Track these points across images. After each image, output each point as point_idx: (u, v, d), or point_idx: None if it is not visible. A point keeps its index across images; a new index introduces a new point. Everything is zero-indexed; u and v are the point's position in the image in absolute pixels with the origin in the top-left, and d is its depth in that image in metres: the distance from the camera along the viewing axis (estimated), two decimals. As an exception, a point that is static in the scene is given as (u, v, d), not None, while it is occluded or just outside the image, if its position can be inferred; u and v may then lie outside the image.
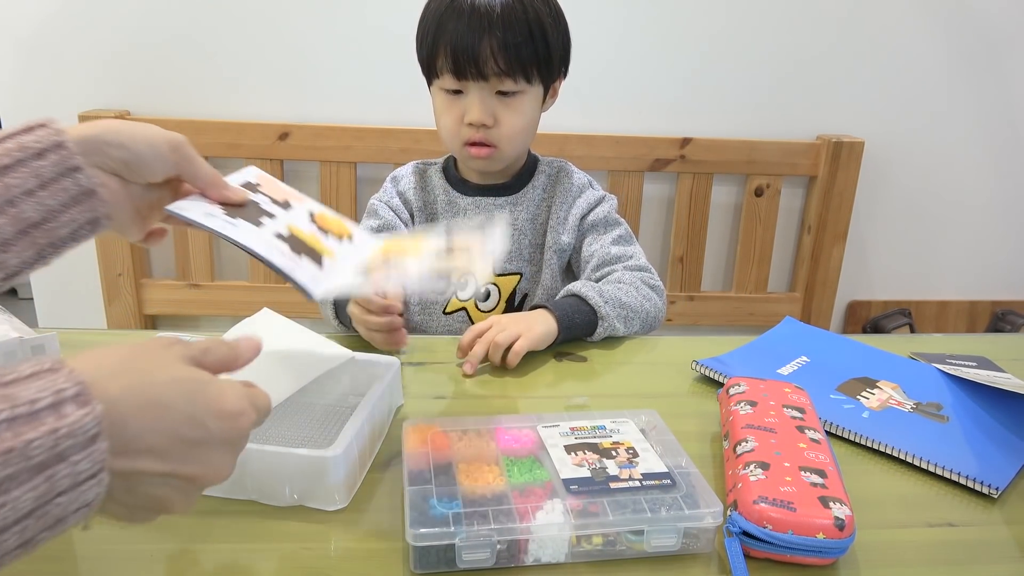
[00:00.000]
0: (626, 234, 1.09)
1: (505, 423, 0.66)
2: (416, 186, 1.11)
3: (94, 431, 0.34)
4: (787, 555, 0.54)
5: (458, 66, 0.95)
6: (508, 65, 0.95)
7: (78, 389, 0.34)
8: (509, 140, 1.01)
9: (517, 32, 0.94)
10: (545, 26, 0.97)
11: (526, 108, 1.00)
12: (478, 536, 0.52)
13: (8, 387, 0.33)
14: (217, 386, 0.41)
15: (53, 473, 0.33)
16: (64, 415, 0.34)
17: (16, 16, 1.58)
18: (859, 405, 0.79)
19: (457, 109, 0.99)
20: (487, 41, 0.93)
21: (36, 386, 0.34)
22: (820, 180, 1.78)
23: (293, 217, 0.66)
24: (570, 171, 1.12)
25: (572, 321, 0.90)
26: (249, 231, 0.60)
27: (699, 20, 1.71)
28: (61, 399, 0.34)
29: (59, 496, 0.34)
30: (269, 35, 1.64)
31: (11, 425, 0.32)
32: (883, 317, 1.94)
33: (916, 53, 1.77)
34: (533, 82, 0.99)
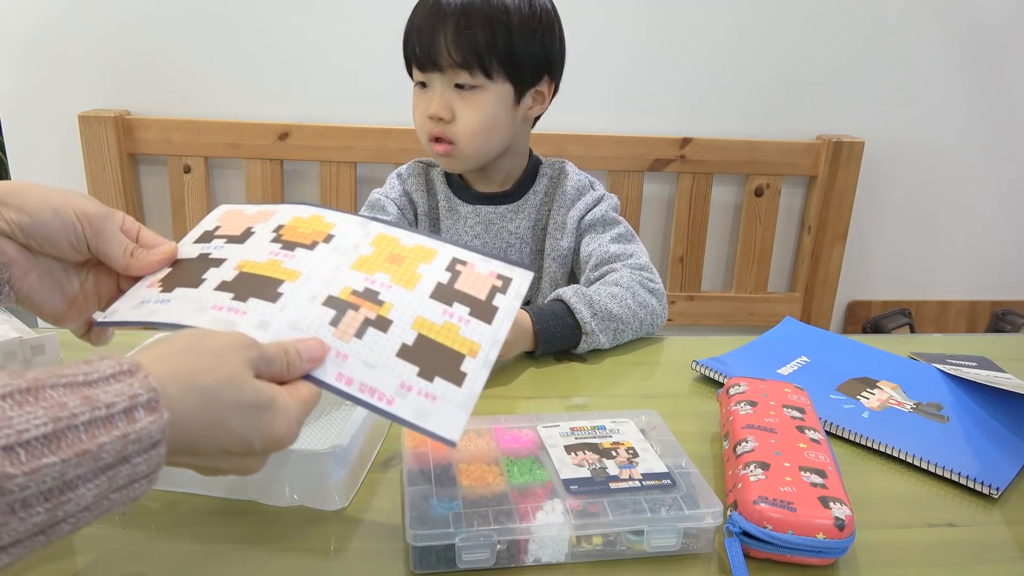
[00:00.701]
0: (626, 232, 1.06)
1: (505, 423, 0.66)
2: (421, 187, 1.09)
3: (158, 437, 0.37)
4: (787, 555, 0.54)
5: (418, 57, 0.96)
6: (461, 56, 0.93)
7: (150, 396, 0.36)
8: (467, 137, 0.97)
9: (473, 23, 0.93)
10: (511, 21, 0.95)
11: (487, 105, 0.97)
12: (478, 536, 0.52)
13: (90, 387, 0.35)
14: (271, 414, 0.43)
15: (116, 473, 0.35)
16: (135, 419, 0.36)
17: (16, 16, 1.58)
18: (859, 405, 0.79)
19: (423, 103, 0.99)
20: (442, 31, 0.93)
21: (114, 389, 0.36)
22: (820, 180, 1.78)
23: (249, 248, 0.56)
24: (569, 172, 1.09)
25: (552, 335, 0.86)
26: (181, 303, 0.51)
27: (699, 20, 1.71)
28: (135, 404, 0.36)
29: (114, 492, 0.36)
30: (269, 35, 1.64)
31: (88, 427, 0.34)
32: (883, 317, 1.94)
33: (916, 53, 1.77)
34: (494, 78, 0.96)
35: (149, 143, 1.65)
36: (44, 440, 0.33)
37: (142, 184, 1.72)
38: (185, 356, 0.41)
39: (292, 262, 0.54)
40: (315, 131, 1.66)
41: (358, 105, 1.69)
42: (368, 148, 1.68)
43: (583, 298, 0.89)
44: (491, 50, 0.94)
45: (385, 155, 1.68)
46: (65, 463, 0.33)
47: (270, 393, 0.43)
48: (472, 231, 1.07)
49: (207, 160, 1.68)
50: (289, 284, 0.52)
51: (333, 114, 1.69)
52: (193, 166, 1.67)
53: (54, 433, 0.33)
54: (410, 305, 0.53)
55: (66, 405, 0.34)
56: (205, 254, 0.56)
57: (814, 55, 1.75)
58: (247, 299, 0.51)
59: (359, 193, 1.72)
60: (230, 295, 0.51)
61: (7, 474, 0.31)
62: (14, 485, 0.31)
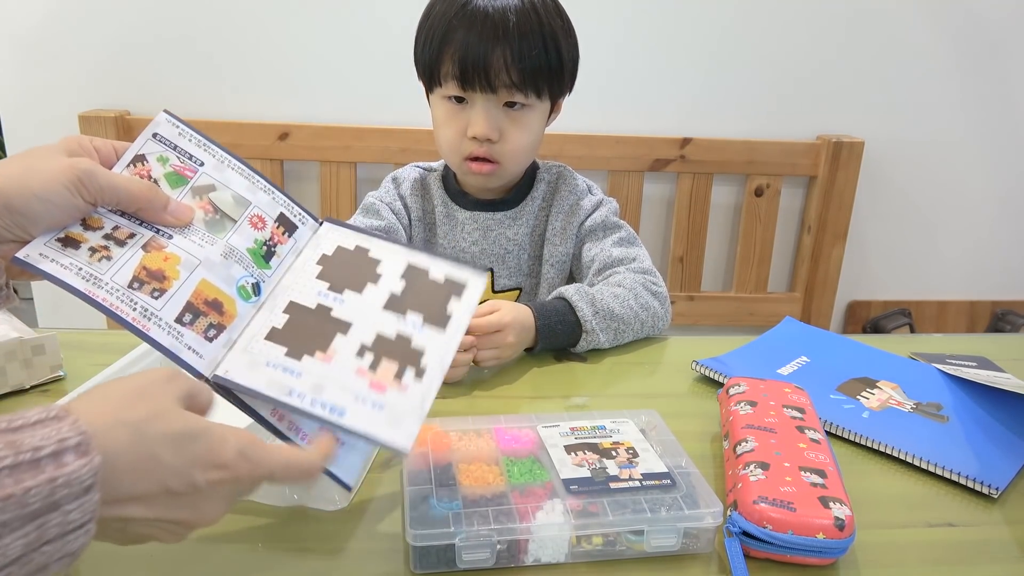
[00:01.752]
0: (628, 236, 1.03)
1: (505, 423, 0.66)
2: (417, 192, 1.07)
3: (89, 482, 0.34)
4: (787, 555, 0.54)
5: (466, 75, 0.90)
6: (520, 78, 0.90)
7: (80, 439, 0.35)
8: (513, 157, 0.96)
9: (532, 43, 0.90)
10: (559, 39, 0.93)
11: (533, 124, 0.96)
12: (478, 536, 0.52)
13: (15, 433, 0.34)
14: (207, 441, 0.40)
15: (45, 521, 0.33)
16: (63, 464, 0.34)
17: (16, 16, 1.58)
18: (859, 405, 0.79)
19: (460, 121, 0.94)
20: (500, 51, 0.89)
21: (41, 433, 0.34)
22: (820, 180, 1.78)
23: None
24: (568, 177, 1.07)
25: (553, 331, 0.86)
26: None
27: (699, 21, 1.71)
28: (63, 448, 0.34)
29: (46, 544, 0.34)
30: (269, 35, 1.64)
31: (13, 472, 0.32)
32: (883, 317, 1.94)
33: (916, 53, 1.77)
34: (543, 97, 0.95)
35: (149, 143, 1.65)
36: None
37: (142, 184, 1.72)
38: (108, 397, 0.39)
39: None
40: (315, 131, 1.66)
41: (358, 105, 1.69)
42: (368, 148, 1.68)
43: (585, 296, 0.88)
44: (546, 71, 0.92)
45: (385, 155, 1.68)
46: None
47: (202, 424, 0.41)
48: (470, 238, 1.04)
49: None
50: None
51: (333, 114, 1.69)
52: (193, 166, 1.67)
53: None
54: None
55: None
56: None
57: (814, 55, 1.75)
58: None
59: (359, 193, 1.72)
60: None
61: None
62: None
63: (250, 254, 0.53)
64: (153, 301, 0.47)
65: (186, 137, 0.53)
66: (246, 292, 0.51)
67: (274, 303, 0.52)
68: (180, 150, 0.53)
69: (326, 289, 0.54)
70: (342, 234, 0.58)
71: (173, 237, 0.50)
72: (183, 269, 0.49)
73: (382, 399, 0.49)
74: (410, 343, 0.53)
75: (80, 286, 0.45)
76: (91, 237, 0.48)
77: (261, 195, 0.55)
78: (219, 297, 0.50)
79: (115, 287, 0.46)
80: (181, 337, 0.47)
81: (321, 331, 0.51)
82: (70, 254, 0.47)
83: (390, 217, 1.03)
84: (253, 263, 0.53)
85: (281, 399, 0.46)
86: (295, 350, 0.49)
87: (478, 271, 0.60)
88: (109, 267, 0.47)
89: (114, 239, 0.48)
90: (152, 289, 0.47)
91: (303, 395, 0.47)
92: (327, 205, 1.72)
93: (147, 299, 0.47)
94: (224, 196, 0.53)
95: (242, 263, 0.52)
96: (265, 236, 0.54)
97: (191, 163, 0.53)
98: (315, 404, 0.47)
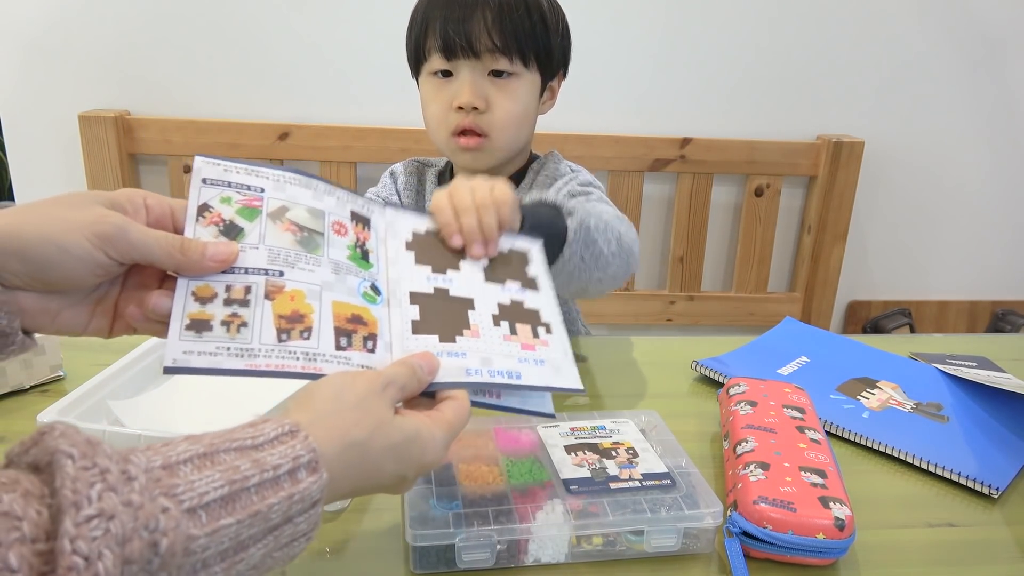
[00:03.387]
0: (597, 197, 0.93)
1: (505, 423, 0.66)
2: (411, 187, 1.06)
3: (317, 497, 0.38)
4: (787, 555, 0.54)
5: (448, 43, 0.88)
6: (503, 40, 0.88)
7: (311, 457, 0.38)
8: (502, 127, 0.92)
9: (512, 7, 0.89)
10: (543, 9, 0.92)
11: (521, 94, 0.92)
12: (478, 536, 0.52)
13: (258, 451, 0.37)
14: (419, 444, 0.44)
15: (280, 532, 0.37)
16: (298, 480, 0.37)
17: (16, 16, 1.58)
18: (859, 405, 0.79)
19: (446, 94, 0.92)
20: (480, 14, 0.88)
21: (279, 451, 0.37)
22: (820, 180, 1.78)
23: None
24: (551, 161, 1.02)
25: (536, 214, 0.71)
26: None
27: (699, 20, 1.71)
28: (297, 465, 0.37)
29: (278, 551, 0.38)
30: (269, 35, 1.64)
31: (259, 489, 0.36)
32: (883, 317, 1.94)
33: (916, 53, 1.77)
34: (530, 66, 0.92)
35: (149, 143, 1.65)
36: (221, 502, 0.34)
37: (142, 184, 1.72)
38: (334, 414, 0.42)
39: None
40: (315, 131, 1.66)
41: (358, 105, 1.69)
42: (368, 148, 1.68)
43: (551, 193, 0.83)
44: (531, 35, 0.90)
45: (385, 155, 1.68)
46: (240, 524, 0.34)
47: (414, 427, 0.44)
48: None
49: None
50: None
51: (333, 114, 1.69)
52: (193, 166, 1.67)
53: (230, 495, 0.35)
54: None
55: (239, 468, 0.36)
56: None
57: (814, 55, 1.75)
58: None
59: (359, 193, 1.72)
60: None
61: (191, 536, 0.32)
62: (197, 546, 0.33)
63: (352, 261, 0.52)
64: (307, 343, 0.46)
65: (232, 171, 0.51)
66: (370, 296, 0.51)
67: (397, 298, 0.53)
68: (235, 185, 0.50)
69: (431, 272, 0.55)
70: (406, 217, 0.59)
71: (284, 274, 0.48)
72: (312, 300, 0.48)
73: (538, 356, 0.52)
74: (523, 306, 0.56)
75: (241, 365, 0.44)
76: (214, 310, 0.45)
77: (328, 199, 0.54)
78: (355, 311, 0.50)
79: (269, 349, 0.45)
80: (350, 361, 0.47)
81: (454, 311, 0.53)
82: (208, 338, 0.44)
83: None
84: (359, 268, 0.52)
85: (463, 380, 0.49)
86: (446, 334, 0.51)
87: (532, 239, 0.62)
88: (251, 332, 0.45)
89: (235, 301, 0.46)
90: (300, 331, 0.46)
91: (479, 371, 0.49)
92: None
93: (302, 344, 0.46)
94: (299, 212, 0.51)
95: (351, 272, 0.51)
96: (353, 240, 0.53)
97: (252, 192, 0.51)
98: (493, 375, 0.49)
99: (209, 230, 0.48)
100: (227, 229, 0.48)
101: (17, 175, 1.69)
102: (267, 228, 0.49)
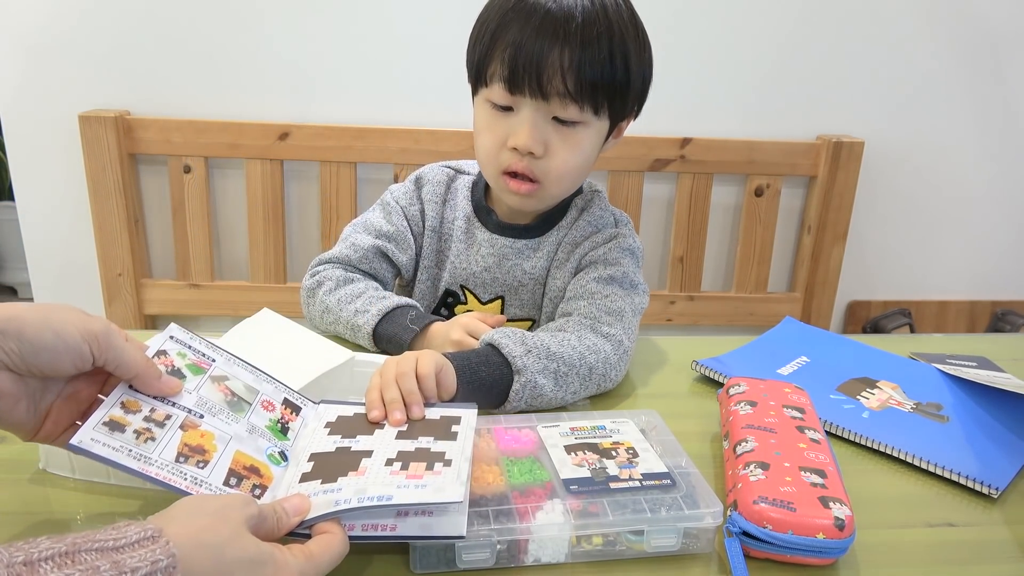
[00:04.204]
0: (620, 275, 0.87)
1: (505, 423, 0.66)
2: (438, 199, 0.96)
3: None
4: (787, 555, 0.54)
5: (515, 76, 0.78)
6: (576, 87, 0.78)
7: (169, 561, 0.40)
8: (557, 178, 0.84)
9: (596, 50, 0.77)
10: (628, 50, 0.80)
11: (585, 144, 0.83)
12: (478, 536, 0.52)
13: (119, 552, 0.39)
14: (273, 567, 0.45)
15: None
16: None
17: (17, 16, 1.58)
18: (859, 405, 0.79)
19: (502, 128, 0.82)
20: (557, 52, 0.76)
21: (139, 555, 0.39)
22: (820, 180, 1.78)
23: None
24: (595, 205, 0.94)
25: (475, 373, 0.70)
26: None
27: (699, 20, 1.71)
28: (155, 569, 0.39)
29: None
30: (269, 35, 1.64)
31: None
32: (883, 317, 1.94)
33: (916, 53, 1.77)
34: (600, 115, 0.82)
35: (149, 143, 1.65)
36: None
37: (142, 184, 1.72)
38: (193, 516, 0.44)
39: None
40: (315, 131, 1.66)
41: (358, 105, 1.69)
42: (368, 148, 1.68)
43: (512, 335, 0.75)
44: (609, 84, 0.79)
45: (385, 155, 1.69)
46: None
47: (269, 550, 0.45)
48: (483, 262, 0.93)
49: (207, 160, 1.68)
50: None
51: (333, 114, 1.69)
52: (193, 166, 1.67)
53: None
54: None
55: (99, 569, 0.37)
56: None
57: (814, 55, 1.75)
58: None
59: (359, 193, 1.72)
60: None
61: None
62: None
63: (269, 430, 0.58)
64: (200, 471, 0.52)
65: (196, 341, 0.61)
66: (276, 459, 0.56)
67: (298, 460, 0.57)
68: (194, 349, 0.60)
69: (340, 438, 0.58)
70: (339, 409, 0.63)
71: (204, 417, 0.55)
72: (219, 443, 0.54)
73: (422, 482, 0.52)
74: (430, 450, 0.57)
75: (134, 466, 0.50)
76: (133, 420, 0.52)
77: (266, 385, 0.62)
78: (255, 463, 0.55)
79: (164, 463, 0.51)
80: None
81: (348, 461, 0.55)
82: (118, 437, 0.51)
83: (400, 223, 0.95)
84: (274, 436, 0.58)
85: (331, 511, 0.50)
86: (329, 477, 0.53)
87: (468, 406, 0.64)
88: (155, 447, 0.51)
89: (153, 421, 0.53)
90: (197, 461, 0.52)
91: (348, 500, 0.50)
92: (327, 205, 1.72)
93: (194, 469, 0.51)
94: (237, 384, 0.60)
95: (265, 437, 0.57)
96: (277, 416, 0.60)
97: (204, 358, 0.60)
98: (362, 500, 0.50)
99: (159, 369, 0.56)
100: (172, 373, 0.57)
101: (17, 175, 1.69)
102: (205, 384, 0.58)
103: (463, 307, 0.98)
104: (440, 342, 0.82)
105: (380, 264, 0.95)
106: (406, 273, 0.98)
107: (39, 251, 1.74)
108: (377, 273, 0.95)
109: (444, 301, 0.99)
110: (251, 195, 1.70)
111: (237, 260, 1.79)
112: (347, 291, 0.89)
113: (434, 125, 1.68)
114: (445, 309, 0.99)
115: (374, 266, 0.94)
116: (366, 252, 0.94)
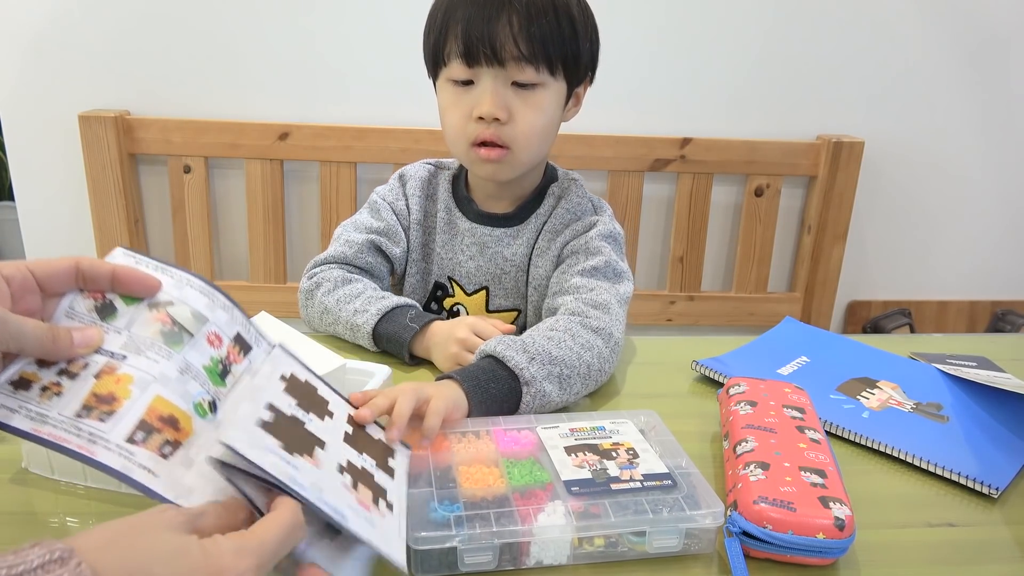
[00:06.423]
0: (603, 265, 0.89)
1: (505, 425, 0.66)
2: (421, 193, 1.00)
3: None
4: (787, 555, 0.54)
5: (470, 49, 0.83)
6: (529, 49, 0.83)
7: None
8: (525, 140, 0.87)
9: (542, 14, 0.82)
10: (573, 13, 0.86)
11: (546, 105, 0.87)
12: (479, 539, 0.52)
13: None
14: (200, 551, 0.40)
15: None
16: None
17: (16, 16, 1.58)
18: (859, 405, 0.79)
19: (465, 103, 0.87)
20: (505, 19, 0.82)
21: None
22: (820, 180, 1.78)
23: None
24: (572, 192, 0.97)
25: (486, 391, 0.70)
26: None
27: (699, 20, 1.71)
28: None
29: None
30: (269, 35, 1.64)
31: None
32: (883, 317, 1.94)
33: (916, 53, 1.77)
34: (556, 75, 0.87)
35: (149, 143, 1.65)
36: None
37: (142, 184, 1.72)
38: (112, 531, 0.40)
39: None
40: (315, 131, 1.66)
41: (358, 105, 1.69)
42: (368, 148, 1.68)
43: (512, 344, 0.75)
44: (560, 42, 0.85)
45: (385, 155, 1.68)
46: None
47: (194, 539, 0.40)
48: (467, 252, 0.98)
49: (207, 160, 1.68)
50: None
51: (333, 114, 1.69)
52: (193, 166, 1.67)
53: None
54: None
55: None
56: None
57: (814, 55, 1.75)
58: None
59: (359, 193, 1.72)
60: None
61: None
62: None
63: (206, 372, 0.51)
64: (100, 424, 0.45)
65: (143, 264, 0.53)
66: (203, 409, 0.50)
67: (236, 407, 0.50)
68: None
69: (295, 405, 0.53)
70: (293, 364, 0.57)
71: (128, 357, 0.49)
72: (136, 388, 0.47)
73: (371, 517, 0.49)
74: (374, 479, 0.53)
75: (27, 428, 0.44)
76: (44, 375, 0.46)
77: (220, 313, 0.54)
78: (175, 413, 0.48)
79: (61, 420, 0.45)
80: (132, 457, 0.45)
81: (303, 438, 0.50)
82: (21, 396, 0.45)
83: (390, 218, 0.98)
84: (209, 381, 0.51)
85: (288, 484, 0.45)
86: (288, 446, 0.48)
87: (402, 446, 0.60)
88: (58, 402, 0.45)
89: (67, 373, 0.47)
90: (100, 413, 0.46)
91: (305, 488, 0.45)
92: (327, 205, 1.72)
93: (94, 423, 0.45)
94: (182, 311, 0.52)
95: (198, 379, 0.51)
96: (222, 354, 0.53)
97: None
98: (320, 501, 0.46)
99: (87, 303, 0.50)
100: (102, 308, 0.50)
101: (17, 175, 1.69)
102: (140, 315, 0.50)
103: (451, 300, 1.00)
104: (442, 340, 0.83)
105: (375, 258, 0.97)
106: (399, 267, 1.00)
107: (39, 251, 1.74)
108: (373, 268, 0.96)
109: (434, 295, 1.01)
110: (251, 195, 1.70)
111: (237, 260, 1.79)
112: (346, 291, 0.90)
113: (434, 125, 1.65)
114: (435, 303, 1.01)
115: (370, 260, 0.96)
116: (361, 247, 0.95)
